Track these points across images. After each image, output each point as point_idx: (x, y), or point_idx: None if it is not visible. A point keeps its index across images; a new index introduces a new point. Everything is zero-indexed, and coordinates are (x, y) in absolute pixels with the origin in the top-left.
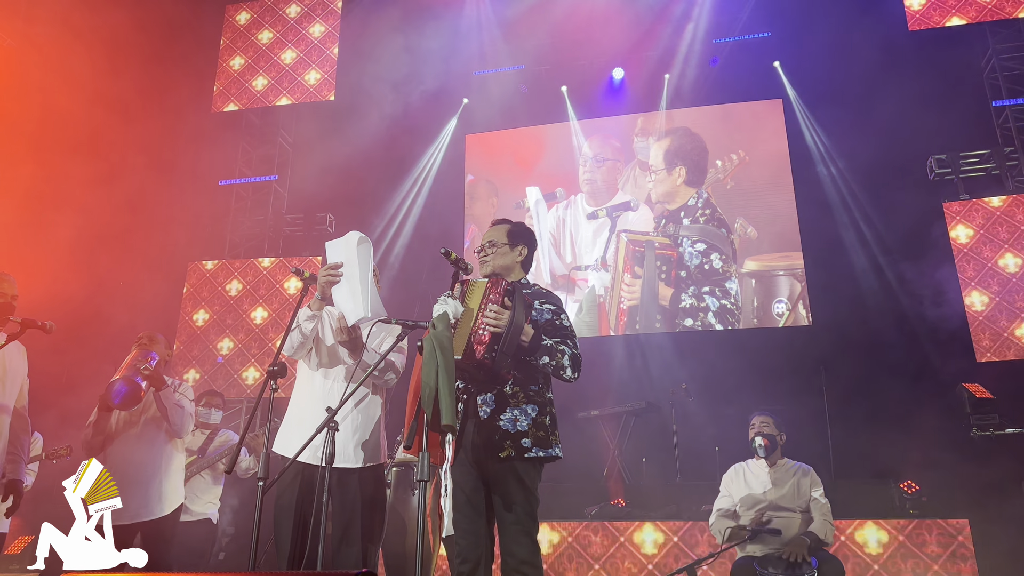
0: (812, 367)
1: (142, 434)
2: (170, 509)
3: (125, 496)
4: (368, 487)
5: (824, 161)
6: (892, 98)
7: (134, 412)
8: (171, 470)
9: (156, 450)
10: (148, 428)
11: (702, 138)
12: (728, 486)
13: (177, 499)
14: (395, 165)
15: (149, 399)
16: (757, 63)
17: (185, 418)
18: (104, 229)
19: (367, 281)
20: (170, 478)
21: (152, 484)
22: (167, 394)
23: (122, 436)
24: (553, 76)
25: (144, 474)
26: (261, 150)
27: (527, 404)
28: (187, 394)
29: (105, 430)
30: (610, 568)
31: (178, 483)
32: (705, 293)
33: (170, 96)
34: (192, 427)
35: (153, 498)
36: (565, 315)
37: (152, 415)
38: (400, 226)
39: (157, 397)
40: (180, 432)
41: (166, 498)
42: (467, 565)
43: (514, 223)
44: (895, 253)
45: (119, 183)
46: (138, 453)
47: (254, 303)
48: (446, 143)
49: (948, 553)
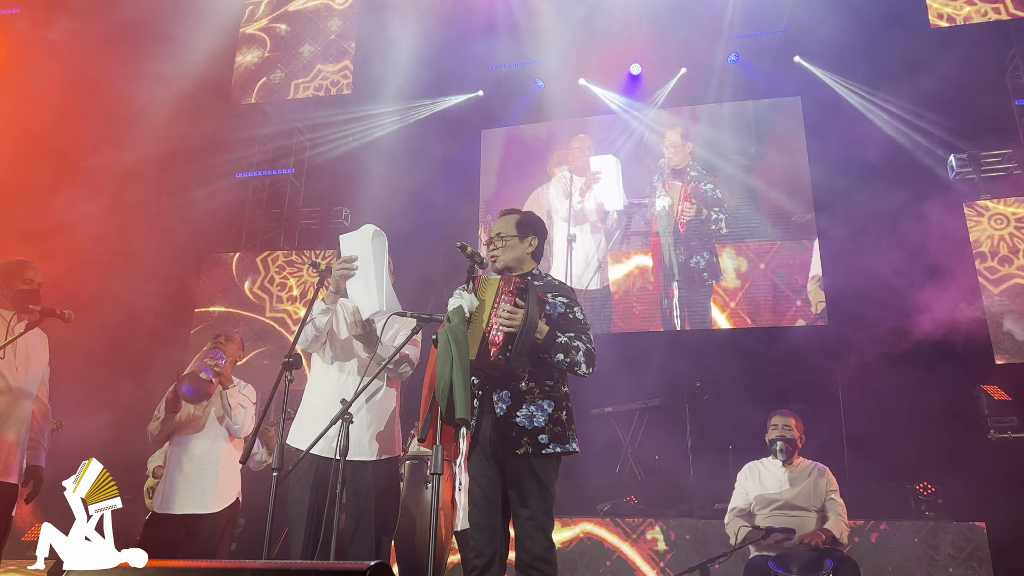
0: (828, 366)
1: (204, 430)
2: (223, 505)
3: (179, 488)
4: (382, 480)
5: (842, 158)
6: (913, 96)
7: (200, 407)
8: (228, 467)
9: (216, 446)
10: (211, 425)
11: (718, 133)
12: (743, 484)
13: (231, 496)
14: (410, 159)
15: (215, 396)
16: (776, 60)
17: (246, 419)
18: (123, 220)
19: (382, 274)
20: (226, 475)
21: (208, 479)
22: (232, 393)
23: (186, 430)
24: (570, 71)
25: (202, 469)
26: (278, 143)
27: (543, 400)
28: (250, 396)
29: (172, 424)
30: (622, 565)
31: (234, 480)
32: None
33: (188, 89)
34: (251, 428)
35: (209, 492)
36: (579, 308)
37: (216, 412)
38: (414, 220)
39: (223, 396)
40: (240, 432)
41: (221, 494)
42: (482, 559)
43: (523, 213)
44: (914, 252)
45: (137, 176)
46: (199, 448)
47: (269, 295)
48: (461, 137)
49: (964, 556)
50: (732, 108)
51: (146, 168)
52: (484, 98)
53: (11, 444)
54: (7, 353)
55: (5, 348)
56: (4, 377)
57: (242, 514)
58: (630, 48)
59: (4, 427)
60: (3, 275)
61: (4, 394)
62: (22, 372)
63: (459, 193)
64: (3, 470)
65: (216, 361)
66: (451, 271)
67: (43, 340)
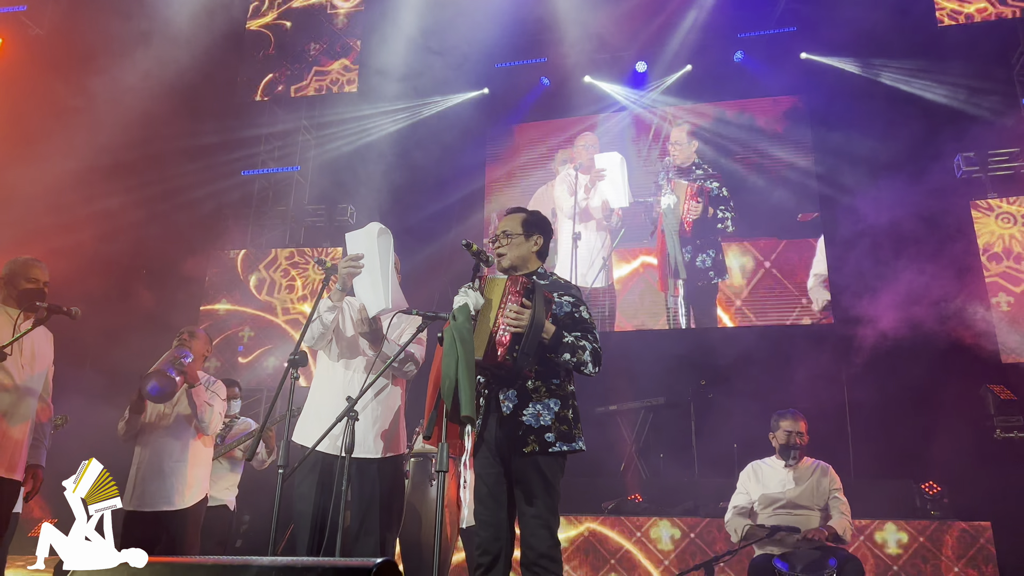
0: (833, 364)
1: (172, 427)
2: (193, 501)
3: (151, 486)
4: (387, 477)
5: (847, 156)
6: (919, 94)
7: (167, 405)
8: (196, 464)
9: (183, 444)
10: (178, 422)
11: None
12: (745, 484)
13: (200, 492)
14: (416, 156)
15: (182, 394)
16: (781, 58)
17: (213, 416)
18: (129, 218)
19: (388, 272)
20: (195, 471)
21: (177, 476)
22: (198, 391)
23: (154, 428)
24: (575, 69)
25: (170, 466)
26: (283, 141)
27: (549, 398)
28: (219, 392)
29: (139, 421)
30: (626, 563)
31: (203, 477)
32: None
33: (194, 86)
34: (220, 426)
35: (177, 489)
36: (585, 307)
37: (183, 410)
38: (420, 218)
39: (189, 394)
40: (206, 429)
41: (189, 490)
42: (487, 557)
43: (529, 212)
44: (920, 251)
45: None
46: (167, 445)
47: (275, 293)
48: (467, 135)
49: (970, 555)
50: (737, 106)
51: (152, 166)
52: (489, 96)
53: (17, 442)
54: (13, 351)
55: (12, 346)
56: (10, 375)
57: (247, 511)
58: (635, 46)
59: (10, 424)
60: (9, 274)
61: (10, 392)
62: (28, 370)
63: (464, 190)
64: (9, 467)
65: (180, 359)
66: (455, 272)
67: (48, 339)
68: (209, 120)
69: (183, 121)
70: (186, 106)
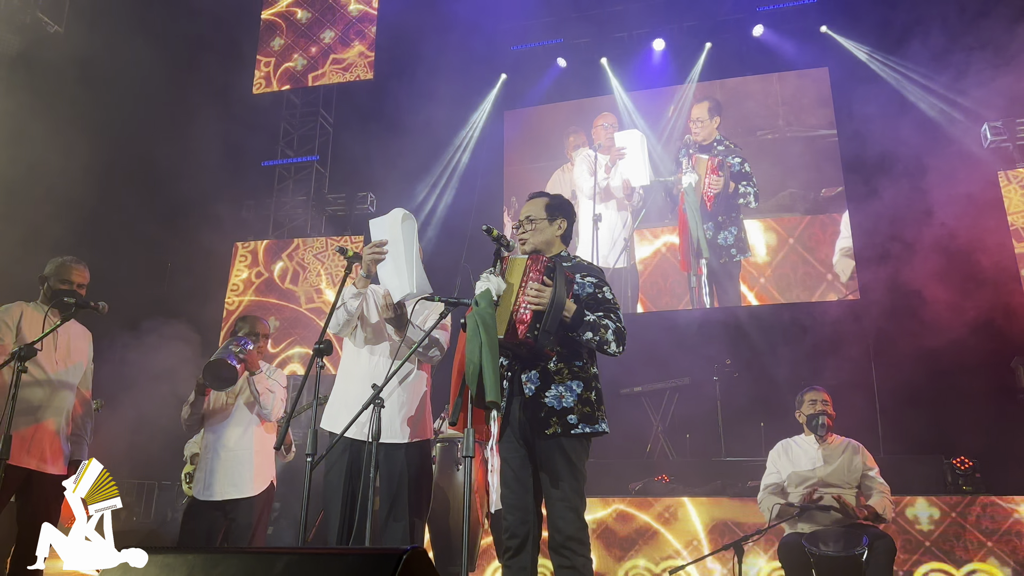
0: (860, 340)
1: (235, 416)
2: (260, 489)
3: (216, 475)
4: (414, 462)
5: (871, 129)
6: (943, 64)
7: (229, 394)
8: (261, 451)
9: (248, 432)
10: (241, 411)
11: (745, 107)
12: (775, 463)
13: (265, 480)
14: (434, 142)
15: (243, 382)
16: (803, 31)
17: (275, 403)
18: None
19: (412, 258)
20: (260, 459)
21: (244, 464)
22: (260, 379)
23: (216, 417)
24: (592, 49)
25: (237, 455)
26: (302, 130)
27: (572, 380)
28: (279, 380)
29: (201, 410)
30: (654, 544)
31: (267, 464)
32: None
33: (212, 77)
34: (282, 412)
35: (245, 478)
36: (608, 288)
37: (246, 399)
38: (440, 203)
39: (250, 381)
40: (270, 416)
41: (255, 479)
42: (515, 540)
43: (552, 196)
44: (947, 223)
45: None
46: (232, 434)
47: (298, 282)
48: (484, 119)
49: (1003, 530)
50: (758, 81)
51: (171, 159)
52: (506, 79)
53: (52, 434)
54: (46, 345)
55: (43, 341)
56: (43, 368)
57: (277, 498)
58: (653, 23)
59: (43, 417)
60: (47, 273)
61: (43, 385)
62: (61, 364)
63: (483, 175)
64: (41, 460)
65: (241, 347)
66: (476, 257)
67: (86, 336)
68: (226, 110)
69: (201, 112)
70: (205, 97)
